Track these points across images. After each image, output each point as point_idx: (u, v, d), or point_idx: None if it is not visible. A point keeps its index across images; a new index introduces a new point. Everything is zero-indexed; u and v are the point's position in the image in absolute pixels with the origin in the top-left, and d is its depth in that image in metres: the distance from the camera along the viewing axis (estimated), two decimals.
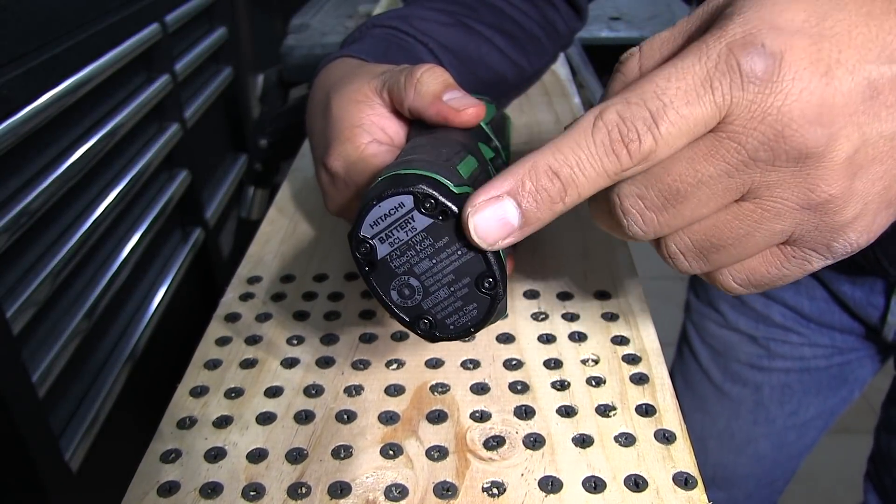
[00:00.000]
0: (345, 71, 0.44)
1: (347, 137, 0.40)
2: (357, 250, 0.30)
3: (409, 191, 0.28)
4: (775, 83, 0.24)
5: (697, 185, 0.25)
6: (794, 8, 0.24)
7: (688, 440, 0.33)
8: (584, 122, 0.26)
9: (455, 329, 0.31)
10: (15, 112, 0.59)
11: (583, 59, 1.16)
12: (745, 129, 0.24)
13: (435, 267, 0.30)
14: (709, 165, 0.25)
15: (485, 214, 0.27)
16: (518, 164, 0.28)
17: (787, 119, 0.24)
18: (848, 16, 0.24)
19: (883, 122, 0.24)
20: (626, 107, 0.25)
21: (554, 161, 0.26)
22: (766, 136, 0.24)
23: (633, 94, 0.25)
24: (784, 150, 0.24)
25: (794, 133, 0.24)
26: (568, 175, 0.26)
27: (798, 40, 0.24)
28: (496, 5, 0.59)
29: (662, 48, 0.28)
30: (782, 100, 0.24)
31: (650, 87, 0.25)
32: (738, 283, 0.28)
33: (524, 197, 0.27)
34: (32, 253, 0.65)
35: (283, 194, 0.57)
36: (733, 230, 0.26)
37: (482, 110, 0.38)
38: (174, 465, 0.32)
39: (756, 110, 0.24)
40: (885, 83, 0.24)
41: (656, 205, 0.26)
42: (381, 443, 0.33)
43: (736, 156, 0.25)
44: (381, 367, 0.38)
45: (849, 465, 1.25)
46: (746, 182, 0.25)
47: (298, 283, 0.45)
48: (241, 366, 0.38)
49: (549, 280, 0.44)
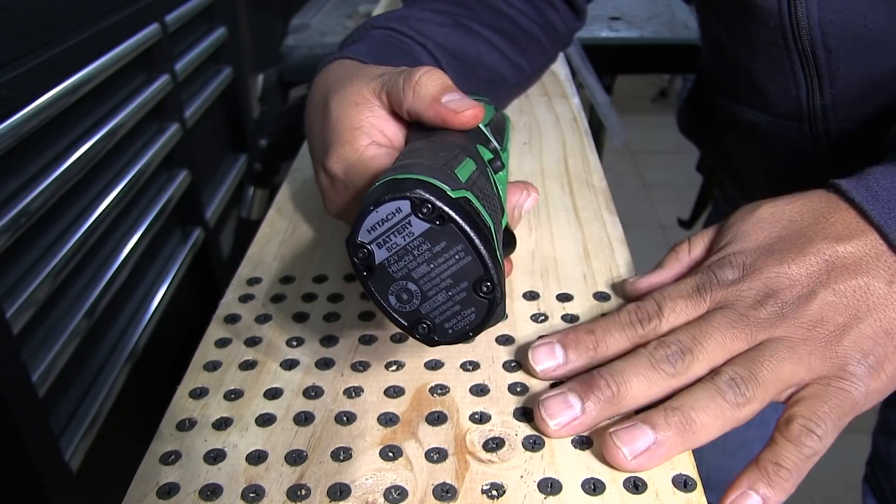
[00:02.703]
0: (343, 73, 0.44)
1: (347, 140, 0.40)
2: (355, 255, 0.30)
3: (406, 196, 0.28)
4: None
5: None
6: (755, 236, 0.38)
7: None
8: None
9: (454, 333, 0.31)
10: (15, 112, 0.59)
11: (583, 59, 1.16)
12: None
13: (433, 271, 0.30)
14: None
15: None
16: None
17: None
18: (798, 224, 0.37)
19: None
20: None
21: (592, 325, 0.37)
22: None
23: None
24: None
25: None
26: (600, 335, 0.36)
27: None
28: (495, 5, 0.59)
29: (696, 247, 0.41)
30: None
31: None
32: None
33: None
34: (32, 253, 0.65)
35: (283, 195, 0.57)
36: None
37: (480, 112, 0.38)
38: (174, 466, 0.32)
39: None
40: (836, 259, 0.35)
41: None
42: (380, 444, 0.33)
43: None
44: (380, 368, 0.38)
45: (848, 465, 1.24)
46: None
47: (298, 284, 0.45)
48: (241, 367, 0.38)
49: (549, 281, 0.44)
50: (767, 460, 0.31)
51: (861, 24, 0.46)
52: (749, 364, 0.33)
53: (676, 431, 0.31)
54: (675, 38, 1.31)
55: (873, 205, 0.36)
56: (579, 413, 0.32)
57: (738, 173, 0.68)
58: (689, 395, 0.32)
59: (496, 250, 0.30)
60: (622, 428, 0.31)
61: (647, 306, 0.36)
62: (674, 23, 1.36)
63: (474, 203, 0.30)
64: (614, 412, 0.33)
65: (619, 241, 0.48)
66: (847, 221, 0.36)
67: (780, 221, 0.38)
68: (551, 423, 0.32)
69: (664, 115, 3.32)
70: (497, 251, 0.30)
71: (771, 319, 0.34)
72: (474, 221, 0.29)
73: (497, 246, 0.31)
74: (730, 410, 0.32)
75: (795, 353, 0.33)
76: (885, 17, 0.45)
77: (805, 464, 0.31)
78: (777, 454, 0.31)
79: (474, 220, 0.29)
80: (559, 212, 0.52)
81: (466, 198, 0.30)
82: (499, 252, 0.31)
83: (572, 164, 0.59)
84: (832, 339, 0.33)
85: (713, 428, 0.31)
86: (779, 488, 0.30)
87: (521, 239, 0.48)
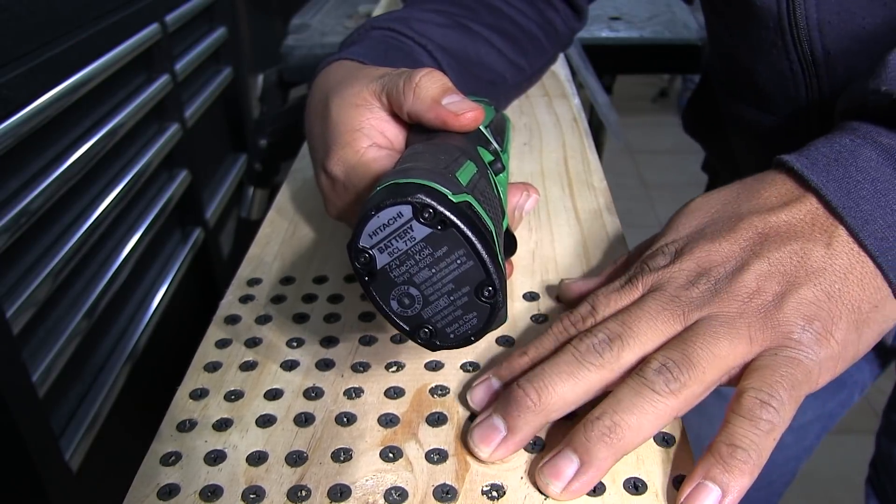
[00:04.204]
0: (343, 74, 0.44)
1: (347, 142, 0.40)
2: (356, 260, 0.30)
3: (408, 201, 0.28)
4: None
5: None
6: (687, 224, 0.37)
7: (687, 443, 0.33)
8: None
9: (455, 338, 0.31)
10: (15, 112, 0.59)
11: (583, 60, 1.16)
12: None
13: (434, 276, 0.30)
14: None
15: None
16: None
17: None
18: (730, 206, 0.36)
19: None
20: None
21: (525, 347, 0.35)
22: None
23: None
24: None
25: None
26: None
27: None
28: (495, 6, 0.59)
29: (635, 254, 0.40)
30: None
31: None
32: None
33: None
34: (32, 253, 0.65)
35: (283, 196, 0.57)
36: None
37: (481, 114, 0.38)
38: (174, 467, 0.32)
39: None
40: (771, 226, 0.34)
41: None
42: (380, 445, 0.33)
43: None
44: (380, 369, 0.38)
45: (848, 464, 1.25)
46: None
47: (298, 284, 0.45)
48: (241, 368, 0.38)
49: (549, 282, 0.44)
50: (721, 443, 0.28)
51: (859, 25, 0.46)
52: (681, 345, 0.30)
53: (602, 444, 0.29)
54: (675, 39, 1.31)
55: (811, 170, 0.34)
56: (506, 432, 0.31)
57: (742, 173, 0.68)
58: (612, 397, 0.30)
59: (498, 255, 0.30)
60: (546, 462, 0.30)
61: (580, 309, 0.35)
62: (674, 23, 1.36)
63: (476, 207, 0.30)
64: (543, 420, 0.31)
65: (619, 242, 0.48)
66: (782, 192, 0.35)
67: (713, 207, 0.37)
68: (482, 451, 0.31)
69: (664, 115, 3.33)
70: (499, 255, 0.30)
71: (704, 297, 0.32)
72: (476, 226, 0.29)
73: (499, 250, 0.31)
74: (662, 401, 0.29)
75: (732, 327, 0.31)
76: (882, 19, 0.45)
77: (764, 440, 0.28)
78: (731, 434, 0.28)
79: (476, 225, 0.29)
80: (559, 212, 0.52)
81: (468, 202, 0.30)
82: (500, 256, 0.30)
83: (572, 164, 0.59)
84: (771, 308, 0.31)
85: (646, 426, 0.29)
86: (737, 472, 0.28)
87: (521, 239, 0.48)
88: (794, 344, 0.31)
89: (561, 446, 0.30)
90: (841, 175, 0.33)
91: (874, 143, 0.34)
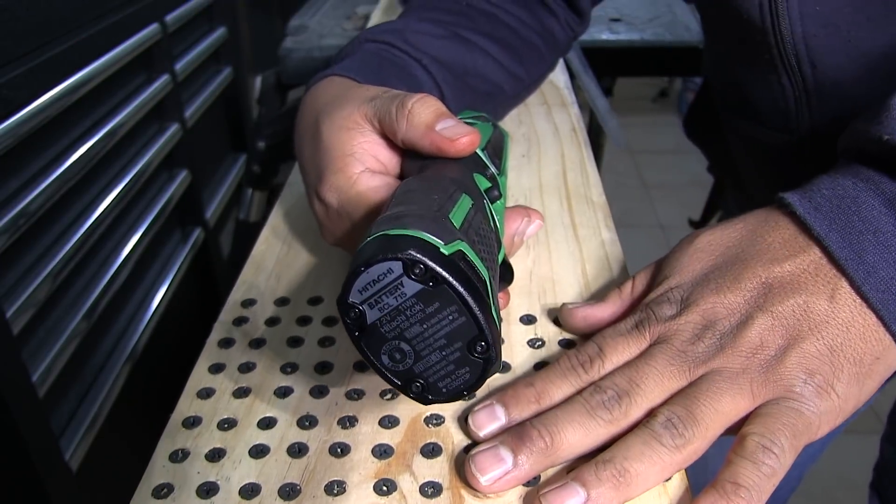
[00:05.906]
0: (334, 93, 0.43)
1: (339, 168, 0.39)
2: (346, 316, 0.29)
3: (398, 257, 0.27)
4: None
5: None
6: (692, 267, 0.37)
7: (686, 481, 0.32)
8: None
9: (447, 392, 0.30)
10: (15, 112, 0.59)
11: (582, 64, 1.15)
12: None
13: (426, 332, 0.29)
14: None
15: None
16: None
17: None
18: (734, 250, 0.37)
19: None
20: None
21: (532, 378, 0.35)
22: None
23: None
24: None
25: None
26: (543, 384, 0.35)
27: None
28: (493, 14, 0.58)
29: (639, 284, 0.40)
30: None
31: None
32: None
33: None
34: (32, 253, 0.65)
35: (278, 213, 0.55)
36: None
37: (476, 137, 0.37)
38: (166, 500, 0.32)
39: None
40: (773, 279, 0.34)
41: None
42: (374, 478, 0.32)
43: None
44: (375, 396, 0.37)
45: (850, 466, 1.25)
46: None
47: (293, 306, 0.44)
48: (235, 395, 0.37)
49: (547, 304, 0.43)
50: (726, 480, 0.29)
51: (845, 38, 0.45)
52: (685, 401, 0.31)
53: (610, 486, 0.29)
54: (676, 41, 1.31)
55: (815, 217, 0.34)
56: (511, 467, 0.31)
57: (742, 180, 0.68)
58: (622, 444, 0.30)
59: (491, 309, 0.29)
60: (551, 489, 0.30)
61: (587, 349, 0.35)
62: (675, 25, 1.36)
63: (469, 256, 0.29)
64: (550, 463, 0.31)
65: (618, 262, 0.47)
66: (786, 238, 0.35)
67: (717, 249, 0.37)
68: (482, 478, 0.31)
69: (664, 116, 3.33)
70: (492, 309, 0.29)
71: (709, 352, 0.33)
72: (468, 281, 0.28)
73: (493, 302, 0.30)
74: (668, 455, 0.30)
75: (734, 383, 0.32)
76: (868, 33, 0.45)
77: (765, 483, 0.29)
78: (735, 473, 0.29)
79: (468, 280, 0.28)
80: (557, 228, 0.51)
81: (461, 251, 0.29)
82: (494, 309, 0.30)
83: (571, 178, 0.58)
84: (773, 362, 0.32)
85: (651, 476, 0.30)
86: None
87: (518, 258, 0.47)
88: (795, 396, 0.31)
89: (566, 479, 0.30)
90: (844, 224, 0.34)
91: (877, 192, 0.34)
